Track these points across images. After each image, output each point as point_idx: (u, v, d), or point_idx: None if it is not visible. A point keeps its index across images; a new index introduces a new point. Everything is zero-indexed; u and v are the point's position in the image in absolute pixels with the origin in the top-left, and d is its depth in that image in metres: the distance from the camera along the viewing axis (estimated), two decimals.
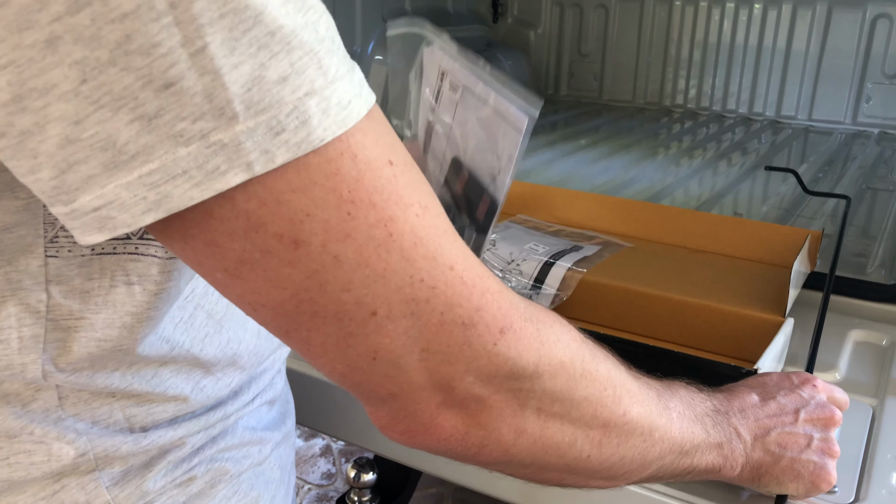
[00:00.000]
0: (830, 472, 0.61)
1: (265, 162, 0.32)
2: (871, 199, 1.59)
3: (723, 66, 2.42)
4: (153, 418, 0.52)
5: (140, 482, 0.51)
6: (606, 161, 1.86)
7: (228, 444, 0.57)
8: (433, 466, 0.83)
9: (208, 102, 0.31)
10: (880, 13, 2.16)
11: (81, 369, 0.47)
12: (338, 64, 0.35)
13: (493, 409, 0.42)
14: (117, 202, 0.32)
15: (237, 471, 0.57)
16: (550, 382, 0.43)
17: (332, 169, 0.34)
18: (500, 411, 0.42)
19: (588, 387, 0.45)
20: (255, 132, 0.32)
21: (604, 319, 0.93)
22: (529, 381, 0.42)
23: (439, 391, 0.40)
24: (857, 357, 0.91)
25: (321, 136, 0.33)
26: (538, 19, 2.69)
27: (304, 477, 2.09)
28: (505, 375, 0.41)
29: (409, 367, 0.39)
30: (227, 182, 0.32)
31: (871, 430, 0.77)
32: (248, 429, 0.59)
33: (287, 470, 0.67)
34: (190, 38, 0.30)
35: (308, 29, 0.33)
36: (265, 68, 0.32)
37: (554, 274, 0.93)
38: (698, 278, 0.94)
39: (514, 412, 0.42)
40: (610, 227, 1.15)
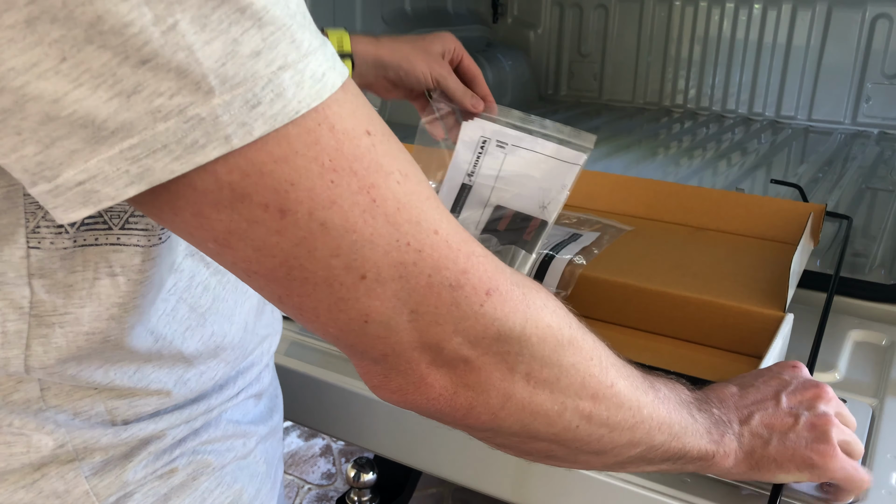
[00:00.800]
0: (830, 450, 0.59)
1: (243, 135, 0.33)
2: (870, 199, 1.59)
3: (722, 65, 2.42)
4: (135, 411, 0.52)
5: (120, 472, 0.52)
6: (606, 161, 1.86)
7: (211, 437, 0.57)
8: (433, 466, 0.83)
9: (184, 78, 0.32)
10: (880, 13, 2.16)
11: (66, 364, 0.47)
12: (310, 38, 0.35)
13: (481, 370, 0.42)
14: (101, 176, 0.33)
15: (220, 463, 0.58)
16: (539, 347, 0.44)
17: (312, 139, 0.35)
18: (489, 374, 0.43)
19: (576, 354, 0.46)
20: (231, 105, 0.33)
21: (604, 315, 0.93)
22: (517, 343, 0.43)
23: (429, 351, 0.41)
24: (856, 357, 0.91)
25: (296, 108, 0.34)
26: (538, 19, 2.69)
27: (304, 477, 2.08)
28: (493, 337, 0.42)
29: (399, 328, 0.40)
30: (207, 155, 0.33)
31: (871, 430, 0.77)
32: (232, 422, 0.60)
33: (274, 464, 0.67)
34: (160, 17, 0.31)
35: (279, 4, 0.34)
36: (238, 43, 0.33)
37: (553, 270, 0.93)
38: (698, 268, 0.94)
39: (503, 375, 0.43)
40: (610, 207, 1.15)
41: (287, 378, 0.90)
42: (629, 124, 2.32)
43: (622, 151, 1.96)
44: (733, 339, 0.86)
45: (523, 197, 0.88)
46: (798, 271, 0.90)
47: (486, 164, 0.88)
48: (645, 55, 2.54)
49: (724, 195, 1.10)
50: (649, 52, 2.53)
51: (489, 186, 0.89)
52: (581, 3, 2.61)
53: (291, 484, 2.06)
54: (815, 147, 2.07)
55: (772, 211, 1.04)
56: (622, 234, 1.05)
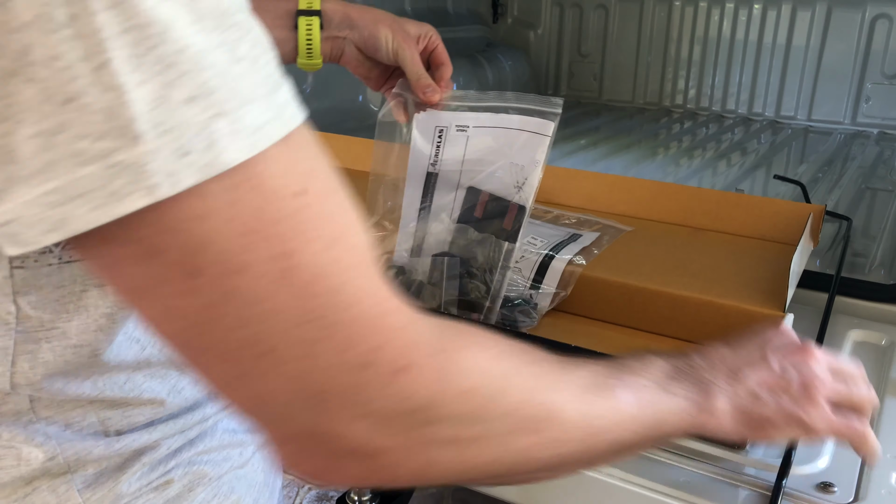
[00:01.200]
0: (819, 410, 0.57)
1: (170, 185, 0.31)
2: (870, 199, 1.59)
3: (722, 66, 2.42)
4: (129, 421, 0.51)
5: (113, 485, 0.50)
6: (606, 161, 1.86)
7: (207, 447, 0.56)
8: None
9: (110, 121, 0.30)
10: (880, 13, 2.17)
11: (52, 379, 0.46)
12: (254, 85, 0.33)
13: (394, 450, 0.39)
14: (22, 219, 0.31)
15: (216, 473, 0.56)
16: (461, 409, 0.40)
17: (234, 197, 0.33)
18: (405, 451, 0.39)
19: (511, 396, 0.43)
20: (159, 153, 0.31)
21: (604, 315, 0.93)
22: (435, 414, 0.39)
23: (336, 438, 0.38)
24: (856, 357, 0.91)
25: (229, 158, 0.32)
26: (538, 20, 2.69)
27: None
28: (406, 414, 0.38)
29: (301, 413, 0.37)
30: (129, 206, 0.31)
31: None
32: (228, 431, 0.58)
33: (272, 472, 0.65)
34: (92, 53, 0.29)
35: (222, 48, 0.32)
36: (171, 87, 0.31)
37: (553, 270, 0.93)
38: (698, 268, 0.94)
39: (420, 450, 0.40)
40: (610, 208, 1.15)
41: None
42: (629, 124, 2.32)
43: (622, 151, 1.96)
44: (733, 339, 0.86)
45: (495, 177, 0.85)
46: (798, 271, 0.90)
47: (449, 152, 0.85)
48: (645, 55, 2.54)
49: (724, 196, 1.10)
50: (649, 52, 2.53)
51: (457, 171, 0.86)
52: (581, 4, 2.61)
53: (291, 483, 2.07)
54: (815, 147, 2.07)
55: (771, 212, 1.05)
56: (622, 235, 1.05)
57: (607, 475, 0.71)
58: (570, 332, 0.90)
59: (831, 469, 0.71)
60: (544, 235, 1.01)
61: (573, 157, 1.90)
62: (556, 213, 1.13)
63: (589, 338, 0.88)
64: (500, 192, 0.86)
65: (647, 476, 0.70)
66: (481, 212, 0.88)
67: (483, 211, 0.87)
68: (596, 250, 0.98)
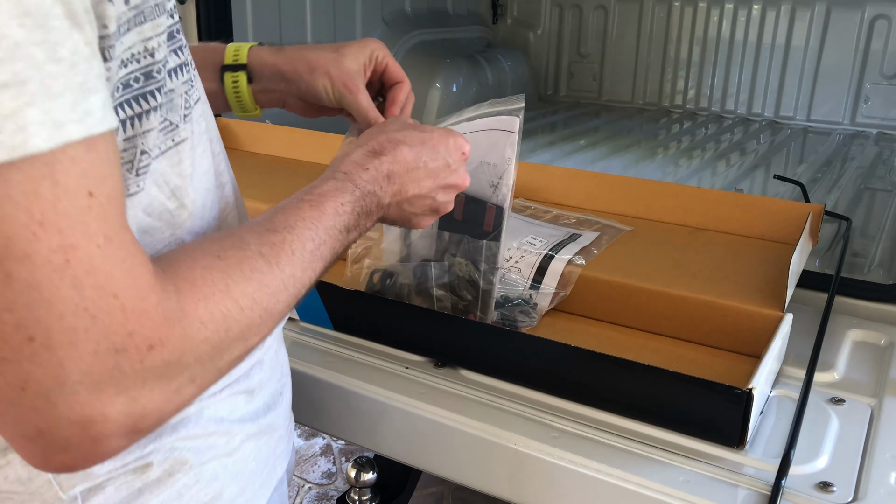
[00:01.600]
0: (429, 222, 0.71)
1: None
2: (869, 199, 1.59)
3: (722, 66, 2.43)
4: None
5: None
6: (605, 161, 1.86)
7: (191, 434, 0.56)
8: (433, 466, 0.83)
9: None
10: (879, 14, 2.17)
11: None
12: (67, 86, 0.37)
13: (153, 412, 0.43)
14: None
15: (199, 461, 0.56)
16: (199, 360, 0.45)
17: (31, 189, 0.36)
18: (161, 409, 0.43)
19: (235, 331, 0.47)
20: None
21: (604, 315, 0.93)
22: (181, 369, 0.44)
23: (98, 419, 0.40)
24: (855, 357, 0.91)
25: (34, 145, 0.35)
26: (538, 20, 2.69)
27: (305, 476, 2.09)
28: (159, 382, 0.42)
29: (59, 401, 0.39)
30: None
31: (870, 430, 0.77)
32: (214, 419, 0.58)
33: (269, 463, 0.65)
34: None
35: (43, 46, 0.35)
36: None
37: (553, 270, 0.94)
38: (698, 268, 0.94)
39: (174, 400, 0.44)
40: (610, 207, 1.15)
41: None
42: (628, 125, 2.32)
43: (621, 152, 1.97)
44: (733, 339, 0.86)
45: (470, 177, 0.87)
46: (797, 271, 0.90)
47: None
48: (644, 56, 2.54)
49: (723, 196, 1.10)
50: (649, 52, 2.53)
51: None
52: (581, 4, 2.62)
53: (292, 483, 2.07)
54: (814, 147, 2.07)
55: (771, 211, 1.05)
56: (621, 235, 1.05)
57: (607, 475, 0.71)
58: (569, 331, 0.90)
59: (830, 468, 0.71)
60: (544, 235, 1.01)
61: (573, 157, 1.90)
62: (555, 213, 1.13)
63: (589, 337, 0.89)
64: (476, 193, 0.87)
65: (647, 476, 0.70)
66: (460, 214, 0.88)
67: (462, 213, 0.88)
68: (595, 250, 0.98)
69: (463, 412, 0.79)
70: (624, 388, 0.77)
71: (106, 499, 0.52)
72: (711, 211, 1.08)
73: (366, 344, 0.92)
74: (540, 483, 0.75)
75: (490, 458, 0.77)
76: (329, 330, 0.96)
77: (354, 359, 0.90)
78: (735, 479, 0.70)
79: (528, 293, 0.93)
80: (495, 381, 0.84)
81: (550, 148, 1.98)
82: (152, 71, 0.48)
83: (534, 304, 0.92)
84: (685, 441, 0.74)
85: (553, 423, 0.77)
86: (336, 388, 0.86)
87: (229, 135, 1.48)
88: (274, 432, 0.66)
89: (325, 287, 0.93)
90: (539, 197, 1.19)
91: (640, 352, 0.86)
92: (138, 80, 0.47)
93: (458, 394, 0.82)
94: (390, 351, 0.91)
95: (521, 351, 0.83)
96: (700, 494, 0.68)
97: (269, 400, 0.66)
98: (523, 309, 0.91)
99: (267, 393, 0.66)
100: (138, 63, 0.47)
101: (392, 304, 0.90)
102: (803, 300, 0.99)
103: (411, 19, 2.28)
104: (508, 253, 0.97)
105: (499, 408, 0.80)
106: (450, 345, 0.87)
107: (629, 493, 0.70)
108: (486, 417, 0.78)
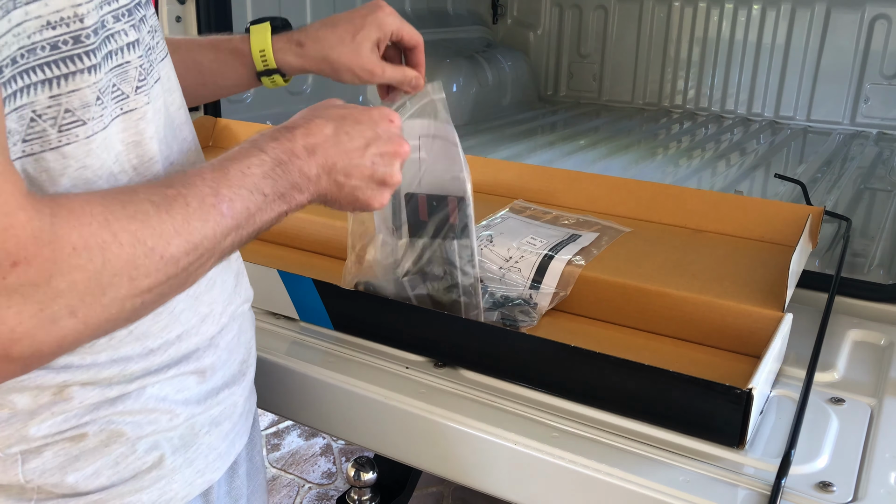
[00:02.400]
0: (382, 197, 0.68)
1: None
2: (869, 199, 1.59)
3: (722, 66, 2.43)
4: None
5: (21, 427, 0.55)
6: (605, 161, 1.86)
7: (129, 409, 0.59)
8: (433, 465, 0.83)
9: None
10: (879, 14, 2.17)
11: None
12: None
13: (24, 335, 0.44)
14: None
15: (136, 435, 0.59)
16: (71, 287, 0.45)
17: None
18: (33, 332, 0.44)
19: (114, 264, 0.47)
20: None
21: (604, 315, 0.93)
22: (51, 295, 0.44)
23: None
24: (855, 357, 0.91)
25: None
26: (538, 20, 2.70)
27: (305, 476, 2.09)
28: (23, 300, 0.43)
29: None
30: None
31: (870, 430, 0.77)
32: (157, 398, 0.61)
33: (227, 438, 0.68)
34: None
35: None
36: None
37: (552, 270, 0.94)
38: (697, 268, 0.94)
39: (47, 327, 0.45)
40: (610, 209, 1.15)
41: (287, 378, 0.90)
42: (628, 125, 2.32)
43: (621, 152, 1.97)
44: (732, 339, 0.86)
45: (427, 177, 0.87)
46: (797, 272, 0.90)
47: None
48: (644, 56, 2.54)
49: (723, 198, 1.10)
50: (648, 52, 2.53)
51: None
52: (581, 4, 2.62)
53: (292, 483, 2.07)
54: (814, 147, 2.07)
55: (770, 213, 1.05)
56: (621, 235, 1.05)
57: (607, 475, 0.71)
58: (569, 331, 0.90)
59: (830, 468, 0.71)
60: (543, 236, 1.01)
61: (573, 157, 1.90)
62: (555, 214, 1.13)
63: (588, 337, 0.89)
64: (434, 189, 0.87)
65: (647, 476, 0.70)
66: (425, 213, 0.88)
67: (427, 212, 0.88)
68: (595, 250, 0.98)
69: (463, 412, 0.79)
70: (624, 387, 0.77)
71: (44, 462, 0.56)
72: (711, 213, 1.08)
73: (366, 344, 0.92)
74: (540, 483, 0.75)
75: (490, 458, 0.77)
76: (329, 330, 0.96)
77: (354, 359, 0.90)
78: (735, 478, 0.70)
79: (528, 293, 0.94)
80: (495, 380, 0.84)
81: (550, 148, 1.98)
82: (81, 35, 0.50)
83: (534, 303, 0.92)
84: (685, 441, 0.74)
85: (553, 423, 0.77)
86: (336, 387, 0.86)
87: (229, 135, 1.49)
88: (233, 410, 0.69)
89: (325, 287, 0.93)
90: (539, 198, 1.20)
91: (640, 352, 0.86)
92: (66, 43, 0.49)
93: (458, 394, 0.82)
94: (390, 351, 0.91)
95: (521, 350, 0.83)
96: (700, 494, 0.68)
97: (228, 380, 0.68)
98: (523, 309, 0.91)
99: (225, 374, 0.68)
100: (67, 27, 0.49)
101: (392, 304, 0.90)
102: (803, 300, 0.99)
103: (411, 19, 2.28)
104: (508, 253, 0.98)
105: (499, 408, 0.80)
106: (450, 344, 0.87)
107: (629, 493, 0.70)
108: (486, 417, 0.78)
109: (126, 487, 0.59)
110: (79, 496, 0.58)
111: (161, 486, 0.61)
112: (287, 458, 2.18)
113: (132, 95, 0.55)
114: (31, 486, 0.56)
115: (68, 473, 0.57)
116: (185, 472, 0.63)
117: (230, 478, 0.71)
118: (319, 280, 0.94)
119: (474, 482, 0.80)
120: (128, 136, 0.55)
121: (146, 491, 0.60)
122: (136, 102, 0.56)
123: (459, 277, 0.87)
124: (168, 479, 0.62)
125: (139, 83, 0.56)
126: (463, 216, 0.86)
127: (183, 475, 0.63)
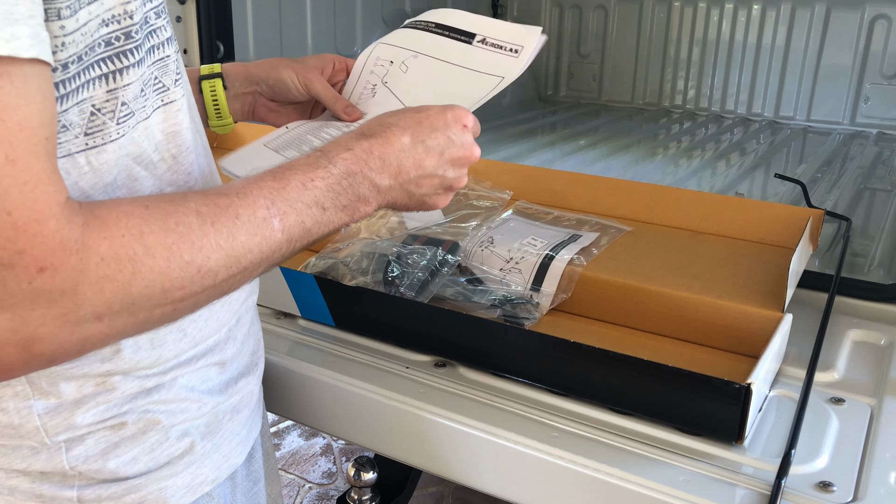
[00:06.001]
0: (447, 200, 0.70)
1: None
2: (869, 199, 1.59)
3: (721, 66, 2.43)
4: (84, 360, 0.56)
5: (69, 416, 0.56)
6: (605, 162, 1.86)
7: (164, 398, 0.61)
8: (433, 465, 0.83)
9: None
10: (878, 14, 2.17)
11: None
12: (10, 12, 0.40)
13: (44, 339, 0.44)
14: None
15: (170, 423, 0.62)
16: (101, 296, 0.46)
17: None
18: (55, 335, 0.45)
19: (150, 273, 0.48)
20: None
21: (604, 315, 0.93)
22: (77, 302, 0.45)
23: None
24: (855, 357, 0.91)
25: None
26: (537, 20, 2.70)
27: (305, 476, 2.09)
28: (46, 305, 0.44)
29: None
30: None
31: (870, 430, 0.77)
32: (186, 388, 0.63)
33: (246, 424, 0.70)
34: None
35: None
36: None
37: (553, 270, 0.94)
38: (698, 269, 0.94)
39: (70, 330, 0.45)
40: (610, 211, 1.15)
41: (288, 378, 0.90)
42: (628, 125, 2.33)
43: (621, 152, 1.97)
44: (733, 339, 0.86)
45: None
46: (797, 273, 0.90)
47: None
48: (644, 56, 2.54)
49: (724, 199, 1.10)
50: (648, 52, 2.53)
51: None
52: (580, 4, 2.62)
53: (292, 483, 2.07)
54: (814, 147, 2.07)
55: (771, 215, 1.05)
56: (621, 236, 1.05)
57: (607, 475, 0.71)
58: (570, 331, 0.90)
59: (830, 468, 0.71)
60: (544, 236, 1.02)
61: (573, 157, 1.90)
62: (556, 215, 1.13)
63: (589, 337, 0.89)
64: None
65: (647, 476, 0.70)
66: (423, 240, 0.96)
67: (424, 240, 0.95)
68: (595, 250, 0.99)
69: (463, 412, 0.79)
70: (623, 384, 0.77)
71: (87, 449, 0.58)
72: (712, 215, 1.08)
73: (366, 343, 0.92)
74: (540, 483, 0.75)
75: (490, 457, 0.77)
76: (330, 329, 0.96)
77: (354, 358, 0.90)
78: (735, 478, 0.70)
79: (529, 293, 0.94)
80: (495, 380, 0.84)
81: (550, 148, 1.98)
82: (131, 31, 0.52)
83: (535, 303, 0.92)
84: (685, 441, 0.74)
85: (553, 423, 0.77)
86: (336, 387, 0.86)
87: (230, 135, 1.48)
88: (250, 398, 0.71)
89: (327, 283, 0.93)
90: (540, 199, 1.20)
91: (640, 351, 0.85)
92: (119, 39, 0.51)
93: (458, 394, 0.82)
94: (390, 350, 0.91)
95: (522, 347, 0.83)
96: (700, 494, 0.68)
97: (243, 370, 0.71)
98: (525, 308, 0.91)
99: (240, 364, 0.70)
100: (119, 24, 0.51)
101: (393, 300, 0.90)
102: (803, 300, 0.99)
103: (411, 18, 2.28)
104: (509, 254, 0.98)
105: (499, 407, 0.80)
106: (451, 341, 0.87)
107: (629, 493, 0.70)
108: (486, 417, 0.78)
109: (162, 473, 0.62)
110: (119, 481, 0.60)
111: (192, 471, 0.64)
112: (287, 458, 2.18)
113: (172, 88, 0.58)
114: (74, 472, 0.58)
115: (109, 460, 0.59)
116: (213, 457, 0.66)
117: (249, 461, 0.73)
118: (321, 276, 0.94)
119: (474, 482, 0.80)
120: (168, 127, 0.58)
121: (180, 475, 0.63)
122: (175, 94, 0.58)
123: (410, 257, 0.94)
124: (199, 464, 0.64)
125: (177, 76, 0.59)
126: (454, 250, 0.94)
127: (211, 460, 0.66)
